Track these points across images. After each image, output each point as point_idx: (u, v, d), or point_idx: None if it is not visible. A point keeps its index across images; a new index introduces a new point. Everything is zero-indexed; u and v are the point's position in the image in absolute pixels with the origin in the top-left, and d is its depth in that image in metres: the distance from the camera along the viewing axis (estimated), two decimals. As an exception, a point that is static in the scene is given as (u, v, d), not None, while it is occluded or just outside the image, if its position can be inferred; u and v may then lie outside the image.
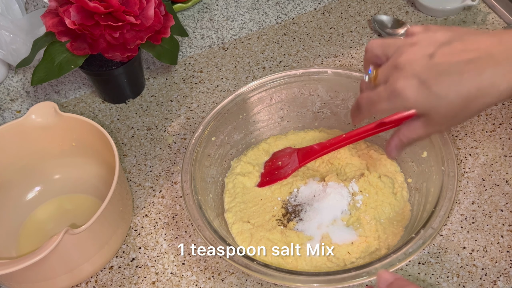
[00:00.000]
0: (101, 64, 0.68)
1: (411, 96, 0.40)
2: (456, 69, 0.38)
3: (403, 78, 0.40)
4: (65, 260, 0.51)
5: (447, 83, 0.38)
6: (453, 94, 0.38)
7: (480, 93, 0.38)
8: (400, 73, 0.40)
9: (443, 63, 0.39)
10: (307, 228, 0.56)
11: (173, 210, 0.62)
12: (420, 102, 0.40)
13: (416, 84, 0.39)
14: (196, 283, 0.55)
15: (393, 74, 0.41)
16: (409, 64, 0.40)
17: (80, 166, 0.63)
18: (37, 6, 0.87)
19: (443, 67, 0.38)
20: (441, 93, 0.38)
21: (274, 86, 0.63)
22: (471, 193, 0.61)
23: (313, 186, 0.59)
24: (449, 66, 0.38)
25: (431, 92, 0.39)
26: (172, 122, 0.71)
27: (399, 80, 0.40)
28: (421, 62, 0.39)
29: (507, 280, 0.54)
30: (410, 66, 0.40)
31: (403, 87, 0.40)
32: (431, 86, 0.39)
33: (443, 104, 0.39)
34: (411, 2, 0.85)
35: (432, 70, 0.39)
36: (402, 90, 0.40)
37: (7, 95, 0.77)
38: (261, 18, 0.85)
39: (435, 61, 0.39)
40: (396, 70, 0.41)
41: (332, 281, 0.46)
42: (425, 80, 0.39)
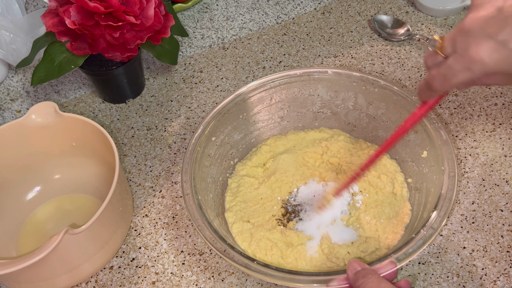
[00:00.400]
0: (101, 64, 0.68)
1: (490, 60, 0.36)
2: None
3: (475, 42, 0.36)
4: (65, 260, 0.51)
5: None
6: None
7: None
8: (470, 37, 0.37)
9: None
10: (307, 228, 0.56)
11: (173, 210, 0.62)
12: (499, 63, 0.36)
13: (492, 45, 0.36)
14: (196, 283, 0.55)
15: (461, 40, 0.38)
16: (477, 25, 0.36)
17: (80, 166, 0.63)
18: (37, 6, 0.87)
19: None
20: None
21: (274, 86, 0.63)
22: (471, 193, 0.61)
23: (313, 186, 0.59)
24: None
25: (510, 49, 0.35)
26: (172, 122, 0.71)
27: (472, 47, 0.37)
28: (490, 19, 0.36)
29: (507, 280, 0.54)
30: (480, 27, 0.36)
31: (478, 53, 0.36)
32: (509, 43, 0.35)
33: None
34: (411, 2, 0.85)
35: (507, 25, 0.35)
36: (478, 56, 0.36)
37: (7, 95, 0.77)
38: (261, 18, 0.85)
39: (507, 13, 0.35)
40: (463, 34, 0.37)
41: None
42: (501, 38, 0.35)
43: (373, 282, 0.41)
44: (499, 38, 0.35)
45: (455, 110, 0.69)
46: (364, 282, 0.42)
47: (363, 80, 0.61)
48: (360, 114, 0.64)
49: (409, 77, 0.74)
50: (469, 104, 0.70)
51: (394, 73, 0.75)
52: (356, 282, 0.43)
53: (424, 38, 0.77)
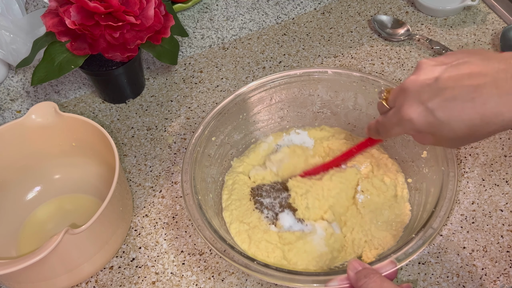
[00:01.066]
0: (101, 64, 0.68)
1: (417, 122, 0.40)
2: (460, 95, 0.38)
3: (409, 104, 0.41)
4: (65, 260, 0.51)
5: (451, 110, 0.38)
6: (456, 121, 0.38)
7: (484, 122, 0.37)
8: (406, 97, 0.41)
9: (448, 87, 0.38)
10: (295, 222, 0.56)
11: (173, 210, 0.62)
12: (426, 127, 0.40)
13: (421, 110, 0.40)
14: (196, 283, 0.55)
15: (400, 97, 0.42)
16: (414, 89, 0.40)
17: (80, 166, 0.63)
18: (37, 6, 0.87)
19: (448, 93, 0.38)
20: (444, 120, 0.39)
21: (274, 86, 0.63)
22: (471, 193, 0.61)
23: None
24: (453, 92, 0.38)
25: (435, 118, 0.39)
26: (172, 122, 0.71)
27: (404, 107, 0.41)
28: (426, 86, 0.40)
29: (507, 280, 0.54)
30: (416, 91, 0.40)
31: (409, 114, 0.41)
32: (435, 112, 0.39)
33: (447, 129, 0.39)
34: (411, 2, 0.85)
35: (437, 96, 0.39)
36: (409, 117, 0.41)
37: (7, 95, 0.77)
38: (261, 18, 0.85)
39: (440, 85, 0.39)
40: (402, 93, 0.42)
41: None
42: (430, 107, 0.39)
43: (376, 282, 0.41)
44: (429, 105, 0.39)
45: (455, 110, 0.69)
46: (366, 282, 0.42)
47: (363, 80, 0.61)
48: (360, 114, 0.64)
49: (409, 77, 0.74)
50: (469, 104, 0.70)
51: (394, 73, 0.75)
52: (358, 282, 0.42)
53: (424, 38, 0.77)
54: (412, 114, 0.40)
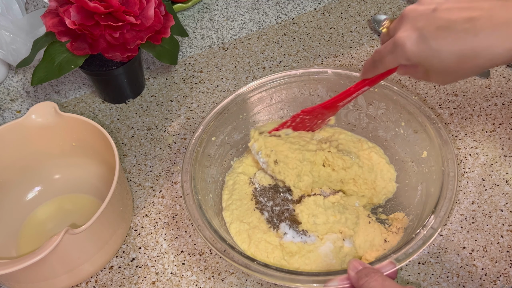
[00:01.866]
0: (101, 64, 0.68)
1: (410, 48, 0.40)
2: (454, 26, 0.38)
3: (405, 30, 0.41)
4: (65, 260, 0.51)
5: (443, 39, 0.38)
6: (447, 50, 0.39)
7: (474, 54, 0.38)
8: (403, 24, 0.41)
9: (443, 18, 0.39)
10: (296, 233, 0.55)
11: (173, 210, 0.62)
12: (417, 54, 0.40)
13: (416, 36, 0.40)
14: (196, 283, 0.55)
15: (398, 26, 0.43)
16: (412, 16, 0.41)
17: (80, 166, 0.63)
18: (37, 6, 0.87)
19: (443, 22, 0.39)
20: (436, 48, 0.39)
21: (274, 86, 0.63)
22: (471, 193, 0.61)
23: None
24: (448, 22, 0.38)
25: (427, 45, 0.39)
26: (172, 122, 0.71)
27: (399, 31, 0.41)
28: (423, 14, 0.40)
29: (507, 280, 0.54)
30: (413, 18, 0.41)
31: (403, 39, 0.41)
32: (429, 40, 0.39)
33: (437, 59, 0.39)
34: (411, 2, 0.85)
35: (432, 24, 0.39)
36: (402, 42, 0.41)
37: (7, 95, 0.77)
38: (261, 18, 0.85)
39: (437, 15, 0.39)
40: (401, 20, 0.42)
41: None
42: (424, 34, 0.39)
43: (377, 281, 0.41)
44: (423, 32, 0.40)
45: (455, 110, 0.69)
46: (368, 281, 0.41)
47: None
48: (360, 114, 0.64)
49: (409, 77, 0.74)
50: (469, 104, 0.70)
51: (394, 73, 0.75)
52: (359, 281, 0.42)
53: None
54: (405, 39, 0.41)
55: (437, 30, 0.39)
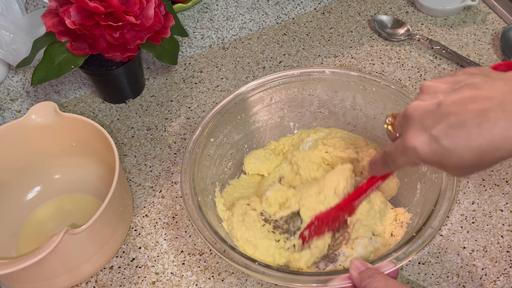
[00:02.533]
0: (101, 64, 0.68)
1: (422, 150, 0.38)
2: (465, 122, 0.35)
3: (412, 131, 0.39)
4: (65, 260, 0.51)
5: (456, 137, 0.36)
6: (463, 148, 0.36)
7: (493, 148, 0.35)
8: (409, 125, 0.39)
9: (452, 113, 0.36)
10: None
11: (173, 210, 0.62)
12: (431, 155, 0.38)
13: (427, 139, 0.38)
14: (196, 283, 0.55)
15: (404, 124, 0.41)
16: (418, 116, 0.39)
17: (80, 166, 0.63)
18: (37, 6, 0.87)
19: (452, 119, 0.36)
20: (450, 147, 0.36)
21: (274, 86, 0.63)
22: (471, 193, 0.61)
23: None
24: (458, 118, 0.36)
25: (441, 146, 0.37)
26: (172, 122, 0.71)
27: (407, 134, 0.39)
28: (429, 112, 0.38)
29: (507, 280, 0.54)
30: (420, 118, 0.38)
31: (412, 142, 0.39)
32: (440, 139, 0.37)
33: (454, 157, 0.37)
34: (411, 2, 0.85)
35: (441, 122, 0.37)
36: (412, 145, 0.39)
37: (7, 95, 0.77)
38: (261, 18, 0.85)
39: (444, 111, 0.37)
40: (405, 119, 0.40)
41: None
42: (435, 135, 0.37)
43: (380, 281, 0.41)
44: (433, 132, 0.37)
45: (455, 110, 0.69)
46: (371, 282, 0.41)
47: (361, 80, 0.61)
48: (359, 114, 0.64)
49: (409, 77, 0.74)
50: (469, 104, 0.70)
51: (394, 73, 0.75)
52: (362, 282, 0.42)
53: (424, 38, 0.77)
54: (415, 142, 0.38)
55: (448, 128, 0.36)
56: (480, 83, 0.37)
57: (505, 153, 0.35)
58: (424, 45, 0.78)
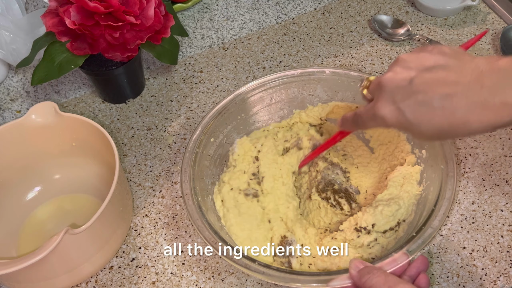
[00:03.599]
0: (101, 64, 0.68)
1: (389, 120, 0.42)
2: (431, 102, 0.39)
3: (382, 101, 0.42)
4: (65, 260, 0.51)
5: (421, 113, 0.39)
6: (425, 125, 0.39)
7: (452, 129, 0.38)
8: (380, 94, 0.43)
9: (421, 91, 0.39)
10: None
11: (173, 210, 0.62)
12: (397, 125, 0.42)
13: (393, 109, 0.41)
14: (196, 283, 0.55)
15: (376, 93, 0.44)
16: (390, 88, 0.42)
17: (80, 166, 0.63)
18: (37, 6, 0.87)
19: (420, 97, 0.39)
20: (414, 122, 0.40)
21: (274, 86, 0.63)
22: (471, 193, 0.61)
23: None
24: (425, 97, 0.39)
25: (406, 119, 0.40)
26: (172, 122, 0.71)
27: (378, 103, 0.43)
28: (401, 87, 0.41)
29: (507, 280, 0.54)
30: (391, 91, 0.42)
31: (382, 112, 0.42)
32: (406, 113, 0.40)
33: (416, 130, 0.40)
34: (411, 2, 0.85)
35: (409, 97, 0.40)
36: (381, 114, 0.42)
37: (7, 95, 0.77)
38: (261, 18, 0.85)
39: (414, 88, 0.40)
40: (378, 88, 0.43)
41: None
42: (402, 108, 0.40)
43: (380, 277, 0.42)
44: (400, 106, 0.41)
45: (455, 110, 0.69)
46: (370, 278, 0.42)
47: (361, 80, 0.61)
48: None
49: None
50: (469, 104, 0.70)
51: (394, 73, 0.75)
52: (361, 279, 0.43)
53: (424, 38, 0.77)
54: (384, 112, 0.42)
55: (415, 105, 0.40)
56: (452, 67, 0.39)
57: (463, 134, 0.39)
58: (424, 45, 0.78)
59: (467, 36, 0.79)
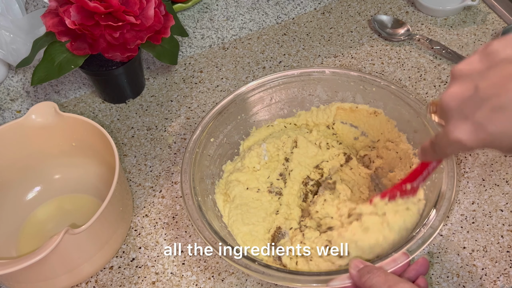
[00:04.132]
0: (101, 64, 0.68)
1: (468, 141, 0.36)
2: (508, 103, 0.33)
3: (453, 124, 0.36)
4: (65, 260, 0.51)
5: (502, 121, 0.33)
6: (510, 130, 0.33)
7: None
8: (449, 117, 0.37)
9: (492, 95, 0.34)
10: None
11: (173, 210, 0.62)
12: (479, 144, 0.36)
13: (468, 127, 0.35)
14: (196, 283, 0.55)
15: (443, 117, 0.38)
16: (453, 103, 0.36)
17: (80, 166, 0.63)
18: (37, 6, 0.87)
19: (495, 102, 0.33)
20: (498, 132, 0.34)
21: (274, 86, 0.63)
22: (471, 193, 0.61)
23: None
24: (500, 100, 0.33)
25: (487, 133, 0.34)
26: (172, 122, 0.71)
27: (450, 127, 0.37)
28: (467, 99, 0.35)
29: (507, 280, 0.54)
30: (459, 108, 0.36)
31: (456, 135, 0.36)
32: (485, 126, 0.34)
33: (505, 142, 0.34)
34: (411, 2, 0.85)
35: (482, 106, 0.34)
36: (457, 139, 0.36)
37: (7, 95, 0.77)
38: (261, 18, 0.85)
39: (483, 94, 0.34)
40: (444, 111, 0.38)
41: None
42: (479, 121, 0.34)
43: (380, 276, 0.42)
44: (476, 119, 0.35)
45: (455, 110, 0.69)
46: (370, 277, 0.42)
47: (361, 80, 0.61)
48: (360, 114, 0.64)
49: (409, 77, 0.74)
50: (469, 104, 0.70)
51: (394, 73, 0.75)
52: (361, 279, 0.43)
53: (424, 38, 0.77)
54: (459, 135, 0.36)
55: (492, 112, 0.33)
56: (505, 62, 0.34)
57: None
58: (424, 45, 0.78)
59: (467, 36, 0.79)
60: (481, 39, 0.78)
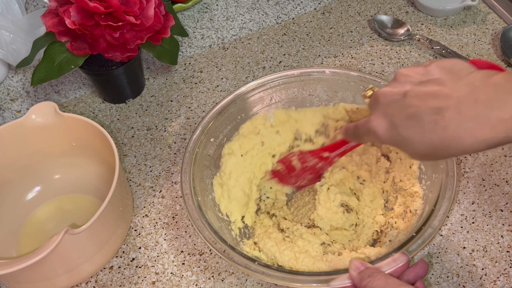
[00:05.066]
0: (101, 64, 0.68)
1: (382, 135, 0.41)
2: (422, 116, 0.37)
3: (376, 115, 0.42)
4: (65, 260, 0.51)
5: (412, 129, 0.38)
6: (417, 141, 0.38)
7: (444, 145, 0.37)
8: (376, 108, 0.42)
9: (412, 105, 0.38)
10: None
11: (173, 210, 0.62)
12: (389, 141, 0.41)
13: (386, 124, 0.41)
14: (196, 283, 0.55)
15: (373, 106, 0.43)
16: (384, 102, 0.41)
17: (80, 166, 0.63)
18: (37, 6, 0.87)
19: (412, 111, 0.38)
20: (407, 137, 0.39)
21: (274, 86, 0.63)
22: (471, 193, 0.61)
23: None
24: (417, 112, 0.38)
25: (398, 134, 0.39)
26: (172, 122, 0.71)
27: (372, 117, 0.42)
28: (394, 101, 0.40)
29: (507, 280, 0.54)
30: (385, 104, 0.41)
31: (375, 126, 0.42)
32: (398, 128, 0.39)
33: (410, 147, 0.39)
34: (411, 2, 0.85)
35: (402, 112, 0.39)
36: (374, 129, 0.42)
37: (7, 95, 0.77)
38: (261, 18, 0.85)
39: (406, 102, 0.39)
40: (375, 102, 0.43)
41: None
42: (394, 122, 0.40)
43: (381, 279, 0.41)
44: (393, 120, 0.40)
45: (455, 110, 0.69)
46: (371, 281, 0.42)
47: (361, 80, 0.61)
48: (360, 114, 0.64)
49: (409, 77, 0.74)
50: (469, 104, 0.70)
51: (394, 73, 0.75)
52: (362, 282, 0.42)
53: (424, 38, 0.77)
54: (377, 126, 0.41)
55: (407, 119, 0.39)
56: (446, 81, 0.38)
57: (455, 152, 0.37)
58: (424, 45, 0.78)
59: (467, 36, 0.79)
60: (481, 39, 0.78)
